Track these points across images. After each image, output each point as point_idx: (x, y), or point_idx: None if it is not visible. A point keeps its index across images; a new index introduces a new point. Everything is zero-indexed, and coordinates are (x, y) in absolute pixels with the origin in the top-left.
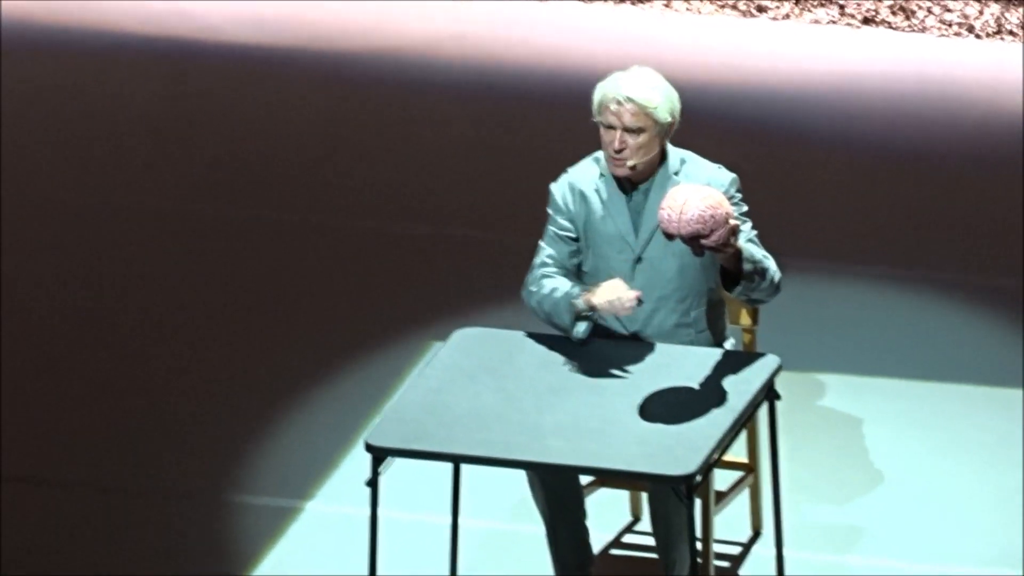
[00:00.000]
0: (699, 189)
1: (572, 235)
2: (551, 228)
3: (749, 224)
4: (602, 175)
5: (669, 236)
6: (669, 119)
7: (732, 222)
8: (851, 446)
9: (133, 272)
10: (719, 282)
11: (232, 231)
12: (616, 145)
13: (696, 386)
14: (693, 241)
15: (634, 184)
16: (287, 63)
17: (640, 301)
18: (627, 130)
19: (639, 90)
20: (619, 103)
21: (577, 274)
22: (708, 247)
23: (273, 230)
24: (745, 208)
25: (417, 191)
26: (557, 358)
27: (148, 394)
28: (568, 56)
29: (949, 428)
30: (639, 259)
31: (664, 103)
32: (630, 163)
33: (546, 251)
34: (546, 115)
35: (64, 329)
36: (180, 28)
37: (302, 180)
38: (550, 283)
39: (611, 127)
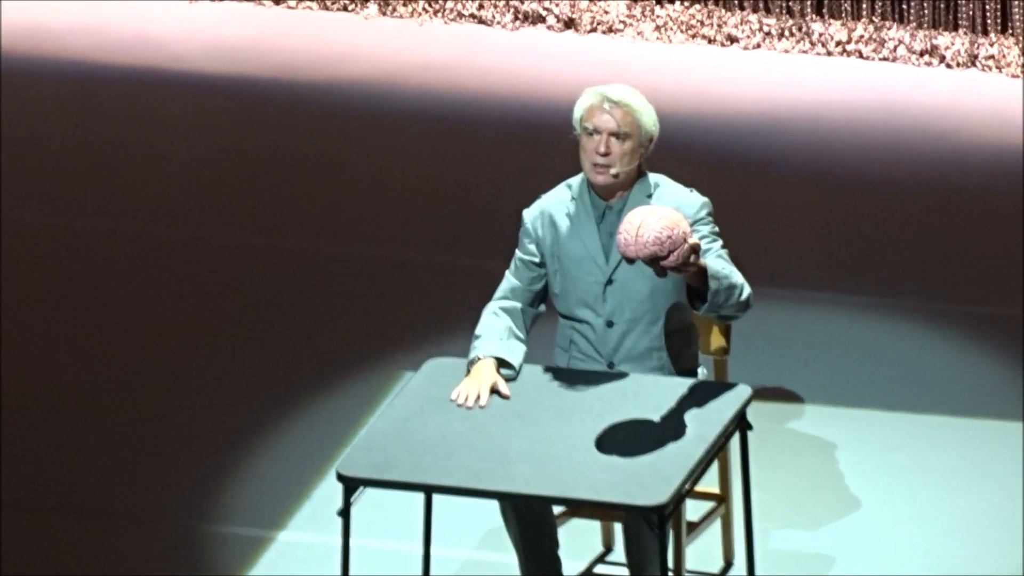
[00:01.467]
0: (655, 211)
1: (536, 260)
2: (518, 254)
3: (719, 243)
4: (573, 199)
5: (628, 259)
6: (652, 130)
7: (691, 241)
8: (823, 474)
9: (104, 298)
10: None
11: (202, 257)
12: (602, 148)
13: (667, 415)
14: (652, 263)
15: (607, 204)
16: (260, 92)
17: (481, 407)
18: (614, 135)
19: (629, 95)
20: (611, 104)
21: (540, 299)
22: (668, 267)
23: (244, 256)
24: (716, 229)
25: (389, 218)
26: (526, 387)
27: (121, 422)
28: (539, 84)
29: (920, 456)
30: (610, 281)
31: (649, 112)
32: (613, 170)
33: (508, 282)
34: (519, 142)
35: (37, 358)
36: (152, 58)
37: (274, 206)
38: (487, 321)
39: (597, 132)
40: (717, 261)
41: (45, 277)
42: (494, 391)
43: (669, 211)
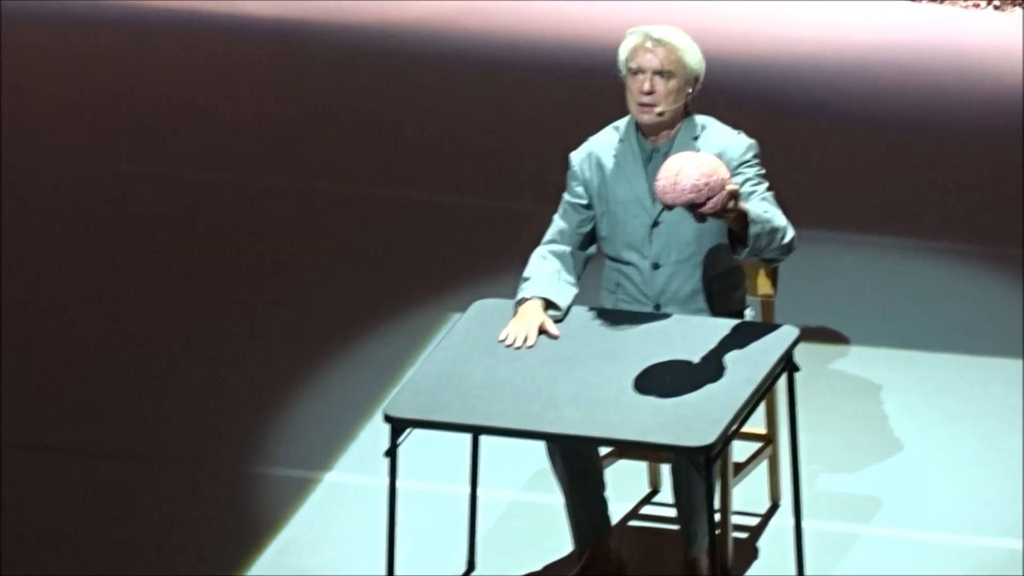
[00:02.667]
0: (693, 157)
1: (584, 203)
2: (565, 196)
3: (765, 185)
4: (621, 140)
5: (667, 206)
6: (697, 68)
7: (730, 187)
8: (869, 417)
9: (141, 241)
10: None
11: (249, 200)
12: (647, 87)
13: (714, 357)
14: (691, 209)
15: (654, 145)
16: (296, 34)
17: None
18: (658, 73)
19: (672, 34)
20: (654, 43)
21: (590, 241)
22: (707, 214)
23: (290, 199)
24: (762, 171)
25: (435, 161)
26: (573, 329)
27: (164, 365)
28: (586, 27)
29: (966, 398)
30: (656, 223)
31: (693, 51)
32: (658, 109)
33: (556, 225)
34: (566, 85)
35: (81, 299)
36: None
37: (317, 149)
38: (535, 264)
39: (641, 71)
40: (760, 204)
41: (76, 220)
42: (542, 331)
43: (707, 157)
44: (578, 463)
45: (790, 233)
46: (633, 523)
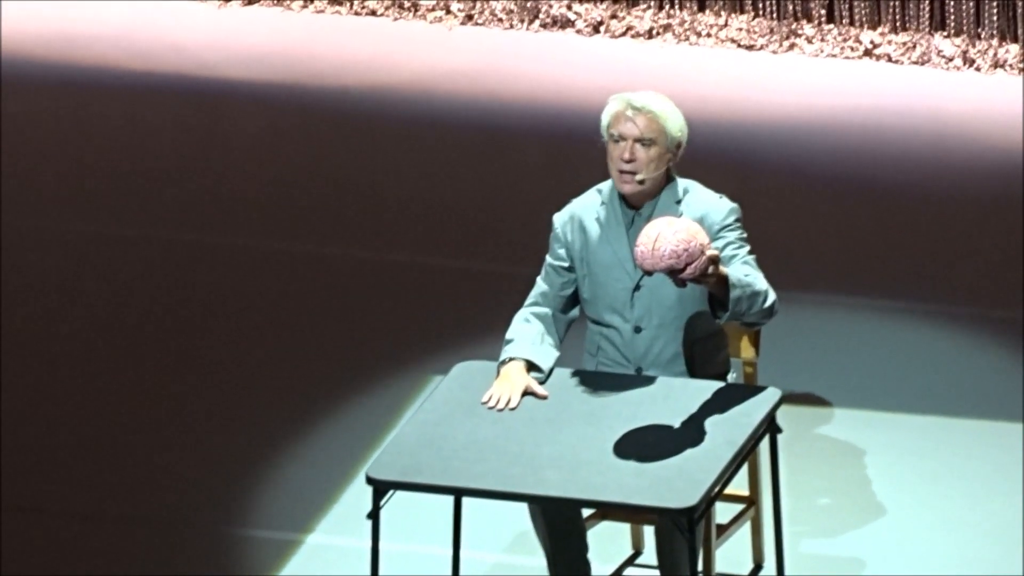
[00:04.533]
0: (672, 223)
1: (566, 265)
2: (548, 259)
3: (746, 249)
4: (603, 203)
5: (646, 272)
6: (679, 135)
7: (709, 253)
8: (852, 478)
9: (126, 302)
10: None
11: (230, 263)
12: (627, 155)
13: (696, 419)
14: (671, 275)
15: (636, 209)
16: (279, 98)
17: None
18: (639, 141)
19: (653, 101)
20: (635, 110)
21: (572, 304)
22: (687, 279)
23: (272, 261)
24: (744, 235)
25: (417, 223)
26: (555, 391)
27: (149, 425)
28: (565, 89)
29: (949, 460)
30: (637, 287)
31: (675, 118)
32: (639, 177)
33: (538, 287)
34: (549, 149)
35: (63, 360)
36: (177, 64)
37: (301, 212)
38: (518, 326)
39: (622, 138)
40: (741, 268)
41: (67, 281)
42: (527, 393)
43: (687, 223)
44: (561, 525)
45: (771, 297)
46: None
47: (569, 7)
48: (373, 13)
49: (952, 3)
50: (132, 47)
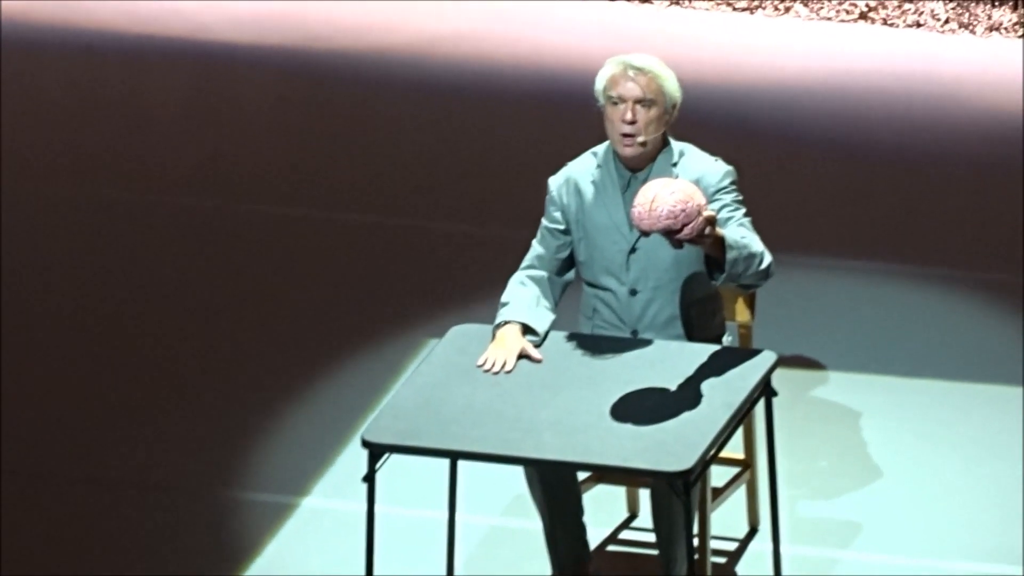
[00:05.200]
0: (669, 183)
1: (561, 228)
2: (544, 222)
3: (742, 211)
4: (599, 166)
5: (643, 232)
6: (676, 96)
7: (706, 214)
8: (848, 442)
9: (126, 267)
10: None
11: (225, 226)
12: (629, 116)
13: (692, 382)
14: (667, 235)
15: (632, 172)
16: (280, 61)
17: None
18: (639, 102)
19: (652, 62)
20: (635, 71)
21: (568, 267)
22: (683, 240)
23: (268, 225)
24: (740, 197)
25: (412, 187)
26: (551, 354)
27: (144, 390)
28: (561, 53)
29: (947, 424)
30: (633, 249)
31: (672, 78)
32: (640, 139)
33: (534, 250)
34: (540, 112)
35: (59, 325)
36: (173, 26)
37: (296, 176)
38: (513, 289)
39: (622, 100)
40: (737, 230)
41: (65, 248)
42: (523, 356)
43: (683, 183)
44: (557, 488)
45: (767, 259)
46: (612, 548)
47: None
48: None
49: None
50: (132, 11)
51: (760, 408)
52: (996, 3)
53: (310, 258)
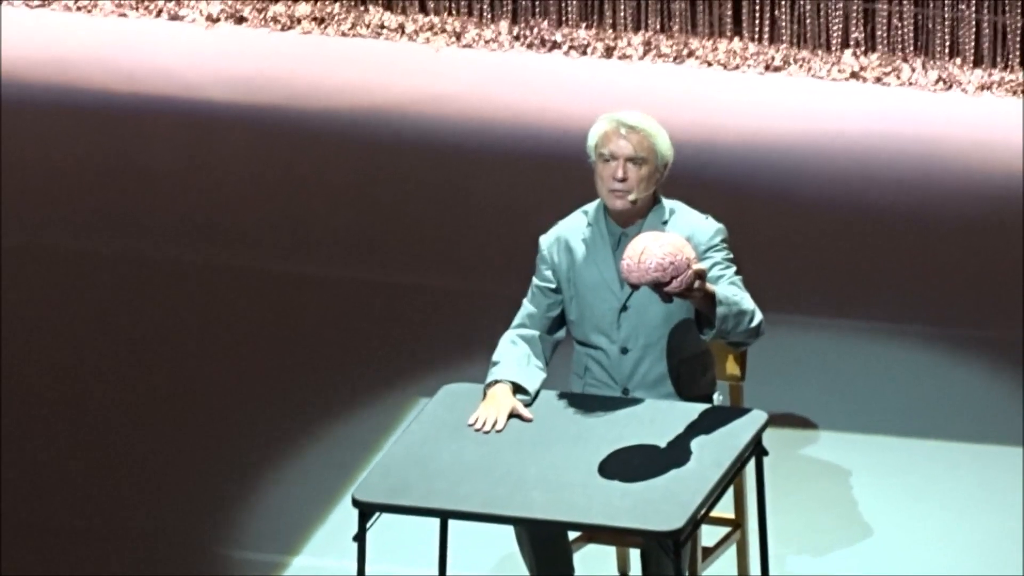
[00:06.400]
0: (658, 236)
1: (552, 286)
2: (534, 280)
3: (733, 269)
4: (589, 224)
5: (632, 285)
6: (668, 154)
7: (695, 267)
8: (838, 500)
9: (117, 322)
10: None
11: (216, 283)
12: (619, 174)
13: (683, 441)
14: (656, 288)
15: (623, 229)
16: (266, 120)
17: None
18: (631, 160)
19: (644, 120)
20: (627, 129)
21: (559, 325)
22: (672, 293)
23: (258, 282)
24: (730, 255)
25: (403, 245)
26: (542, 413)
27: (134, 445)
28: (553, 112)
29: (937, 483)
30: (624, 307)
31: (664, 137)
32: (631, 196)
33: (525, 309)
34: (534, 170)
35: (52, 378)
36: (162, 87)
37: (283, 233)
38: (504, 348)
39: (613, 157)
40: (728, 288)
41: (57, 299)
42: (513, 415)
43: (673, 236)
44: (547, 547)
45: (758, 317)
46: None
47: (555, 30)
48: (359, 34)
49: (932, 28)
50: (125, 71)
51: (750, 467)
52: (985, 64)
53: (298, 315)
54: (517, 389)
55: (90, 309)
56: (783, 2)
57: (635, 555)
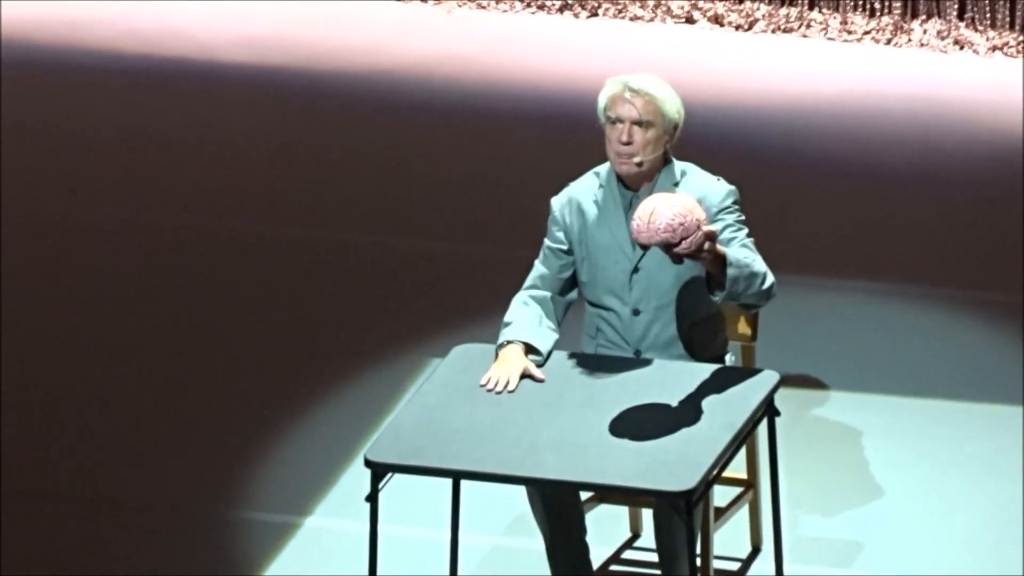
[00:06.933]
0: (668, 198)
1: (564, 248)
2: (546, 242)
3: (744, 231)
4: (601, 186)
5: (641, 246)
6: (676, 117)
7: (705, 228)
8: (850, 461)
9: (129, 288)
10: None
11: (230, 247)
12: (625, 137)
13: (694, 401)
14: (666, 249)
15: (634, 192)
16: (280, 83)
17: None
18: (637, 123)
19: (650, 83)
20: (632, 93)
21: (571, 287)
22: (682, 254)
23: (270, 245)
24: (742, 217)
25: (415, 207)
26: (554, 374)
27: (144, 409)
28: (566, 74)
29: (948, 443)
30: (636, 269)
31: (672, 100)
32: (637, 159)
33: (537, 270)
34: (543, 132)
35: (63, 346)
36: (175, 48)
37: (297, 196)
38: (516, 309)
39: (620, 121)
40: (740, 250)
41: (66, 269)
42: (525, 376)
43: (683, 197)
44: (559, 508)
45: (769, 279)
46: (614, 568)
47: None
48: None
49: None
50: (133, 31)
51: (762, 428)
52: (998, 25)
53: (311, 278)
54: (529, 350)
55: (97, 276)
56: None
57: (648, 515)
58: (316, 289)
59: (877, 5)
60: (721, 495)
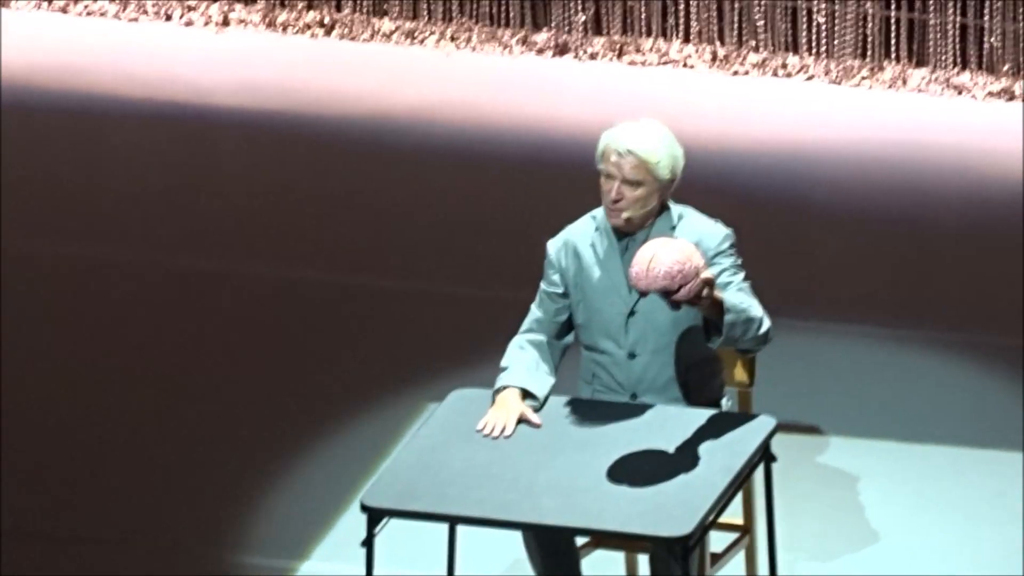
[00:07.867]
0: (667, 243)
1: (560, 291)
2: (542, 285)
3: (741, 275)
4: (598, 229)
5: (640, 292)
6: (668, 176)
7: (704, 275)
8: (847, 507)
9: (126, 329)
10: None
11: (225, 289)
12: (613, 196)
13: (692, 447)
14: (665, 295)
15: (631, 235)
16: (279, 126)
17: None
18: (626, 182)
19: (642, 144)
20: (620, 155)
21: (567, 330)
22: (680, 301)
23: (267, 288)
24: (739, 261)
25: (411, 250)
26: (550, 418)
27: (142, 450)
28: (565, 118)
29: (945, 488)
30: (632, 312)
31: (666, 160)
32: (625, 215)
33: (533, 314)
34: (544, 175)
35: (63, 386)
36: (173, 92)
37: (296, 239)
38: (513, 354)
39: (611, 176)
40: (736, 295)
41: (65, 309)
42: (522, 420)
43: (682, 244)
44: (555, 552)
45: (766, 324)
46: None
47: (568, 34)
48: (372, 38)
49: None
50: (128, 74)
51: (759, 473)
52: (992, 71)
53: (309, 320)
54: (526, 395)
55: (95, 314)
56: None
57: (643, 560)
58: (314, 332)
59: (872, 52)
60: (717, 540)
